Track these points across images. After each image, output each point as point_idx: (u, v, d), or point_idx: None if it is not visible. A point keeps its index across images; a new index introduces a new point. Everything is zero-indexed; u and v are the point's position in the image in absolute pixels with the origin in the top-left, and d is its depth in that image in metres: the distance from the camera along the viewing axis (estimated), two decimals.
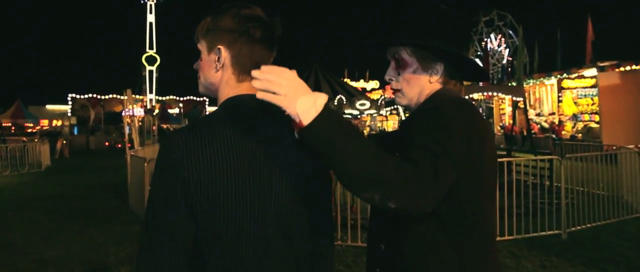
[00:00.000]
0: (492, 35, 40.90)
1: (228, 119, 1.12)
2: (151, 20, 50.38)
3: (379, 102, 16.61)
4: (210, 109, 47.34)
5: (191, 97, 52.96)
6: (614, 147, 10.00)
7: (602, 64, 18.67)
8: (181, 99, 52.72)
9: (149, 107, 44.98)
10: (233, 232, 1.06)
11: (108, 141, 28.64)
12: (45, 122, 40.99)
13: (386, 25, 1.51)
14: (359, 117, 15.55)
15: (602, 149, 12.60)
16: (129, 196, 8.48)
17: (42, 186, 11.12)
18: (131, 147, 9.96)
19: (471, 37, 40.36)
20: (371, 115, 22.13)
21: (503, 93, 13.96)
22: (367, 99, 14.33)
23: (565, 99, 22.35)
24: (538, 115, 24.37)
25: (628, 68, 17.59)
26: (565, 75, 21.82)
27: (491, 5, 40.97)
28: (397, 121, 34.82)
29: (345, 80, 31.49)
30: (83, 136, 30.70)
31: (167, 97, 52.03)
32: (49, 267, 4.90)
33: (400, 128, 1.53)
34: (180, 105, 49.73)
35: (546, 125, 22.81)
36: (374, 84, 49.33)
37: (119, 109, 41.86)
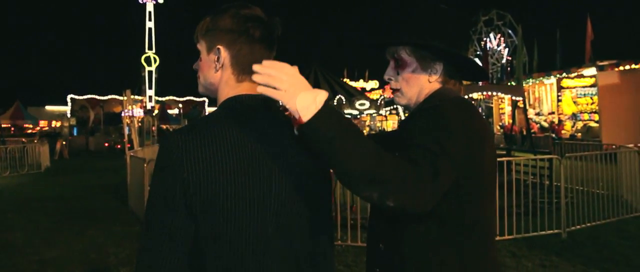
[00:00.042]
0: (491, 34, 40.89)
1: (227, 119, 1.12)
2: (150, 25, 50.43)
3: (379, 102, 16.63)
4: (209, 110, 47.37)
5: (190, 97, 53.08)
6: (614, 147, 10.01)
7: (601, 63, 18.69)
8: (180, 99, 52.82)
9: (149, 107, 44.99)
10: (232, 232, 1.06)
11: (107, 141, 28.63)
12: (44, 123, 40.94)
13: (385, 25, 1.50)
14: (358, 117, 15.55)
15: (602, 148, 12.60)
16: (128, 197, 8.47)
17: (41, 187, 11.11)
18: (131, 147, 9.96)
19: (470, 37, 40.35)
20: (371, 115, 22.14)
21: (502, 92, 13.99)
22: (367, 99, 14.34)
23: (564, 99, 22.36)
24: (537, 114, 24.37)
25: (627, 67, 17.61)
26: (564, 74, 21.82)
27: (490, 5, 41.00)
28: (397, 121, 34.81)
29: (345, 80, 31.53)
30: (82, 137, 30.70)
31: (166, 98, 52.12)
32: (49, 268, 4.90)
33: (399, 128, 1.53)
34: (180, 105, 49.80)
35: (546, 125, 22.81)
36: (374, 83, 49.34)
37: (118, 109, 41.92)
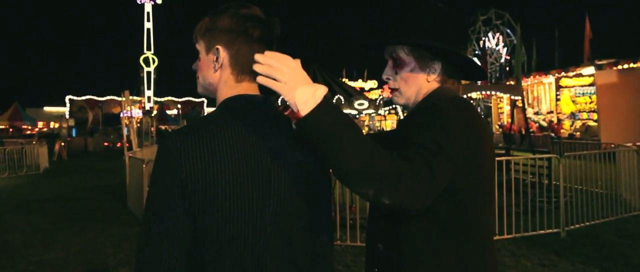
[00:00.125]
0: (490, 34, 40.90)
1: (226, 119, 1.11)
2: (149, 26, 50.42)
3: (378, 101, 16.61)
4: (208, 110, 47.36)
5: (189, 98, 53.05)
6: (612, 146, 10.02)
7: (599, 62, 18.71)
8: (179, 100, 52.78)
9: (147, 108, 44.95)
10: (231, 233, 1.05)
11: (106, 142, 28.61)
12: (42, 124, 40.87)
13: (383, 24, 1.50)
14: (357, 117, 15.54)
15: (600, 147, 12.62)
16: (127, 198, 8.46)
17: (40, 188, 11.10)
18: (129, 148, 9.95)
19: (469, 36, 40.37)
20: (369, 115, 22.12)
21: (501, 92, 14.00)
22: (366, 98, 14.31)
23: (563, 98, 22.37)
24: (536, 114, 24.38)
25: (626, 66, 17.63)
26: (563, 73, 21.84)
27: (489, 4, 40.97)
28: (396, 121, 34.81)
29: (344, 80, 31.53)
30: (81, 138, 30.65)
31: (165, 99, 52.09)
32: (48, 269, 4.90)
33: (398, 127, 1.53)
34: (179, 106, 49.80)
35: (544, 124, 22.83)
36: (372, 83, 49.37)
37: (117, 110, 41.86)
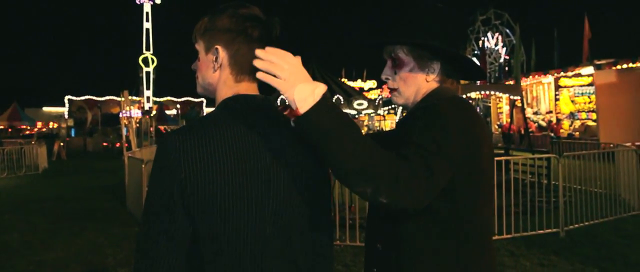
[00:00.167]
0: (489, 34, 40.94)
1: (226, 119, 1.11)
2: (148, 26, 50.41)
3: (377, 101, 16.60)
4: (207, 110, 47.39)
5: (188, 98, 53.07)
6: (611, 145, 10.02)
7: (599, 62, 18.73)
8: (178, 100, 52.78)
9: (146, 108, 44.93)
10: (230, 233, 1.05)
11: (105, 142, 28.58)
12: (40, 124, 40.80)
13: (383, 24, 1.50)
14: (356, 117, 15.55)
15: (600, 147, 12.63)
16: (126, 198, 8.45)
17: (39, 188, 11.08)
18: (128, 148, 9.94)
19: (468, 36, 40.39)
20: (369, 115, 22.12)
21: (500, 92, 13.98)
22: (365, 98, 14.31)
23: (562, 98, 22.38)
24: (535, 113, 24.39)
25: (625, 66, 17.64)
26: (562, 73, 21.85)
27: (488, 4, 41.01)
28: (395, 121, 34.81)
29: (343, 80, 31.52)
30: (80, 138, 30.61)
31: (164, 99, 52.10)
32: (47, 269, 4.89)
33: (397, 127, 1.53)
34: (178, 106, 49.76)
35: (543, 124, 22.84)
36: (372, 83, 49.37)
37: (116, 110, 41.87)
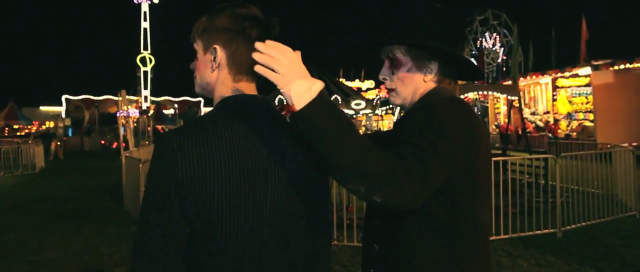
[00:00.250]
0: (486, 34, 40.94)
1: (224, 119, 1.11)
2: (145, 26, 50.34)
3: (375, 101, 16.66)
4: (205, 110, 47.32)
5: (186, 97, 52.98)
6: (609, 146, 10.05)
7: (596, 63, 18.78)
8: (176, 99, 52.71)
9: (144, 108, 44.86)
10: (228, 233, 1.05)
11: (103, 141, 28.53)
12: (36, 124, 40.63)
13: (380, 24, 1.50)
14: (354, 117, 15.56)
15: (597, 147, 12.65)
16: (123, 197, 8.44)
17: (36, 188, 11.06)
18: (126, 148, 9.92)
19: (466, 36, 40.41)
20: (367, 115, 22.15)
21: (498, 92, 14.02)
22: (363, 98, 14.36)
23: (559, 98, 22.44)
24: (533, 114, 24.45)
25: (622, 67, 17.69)
26: (559, 74, 21.91)
27: (486, 4, 41.03)
28: (393, 121, 34.82)
29: (341, 79, 31.53)
30: (77, 138, 30.53)
31: (162, 98, 51.99)
32: (43, 269, 4.87)
33: (394, 127, 1.53)
34: (175, 106, 49.69)
35: (541, 124, 22.89)
36: (370, 83, 49.33)
37: (113, 110, 41.73)
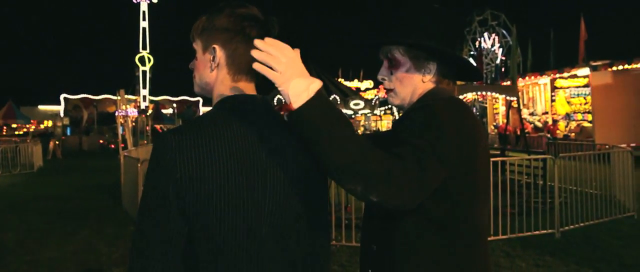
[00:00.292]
0: (485, 34, 40.98)
1: (223, 119, 1.11)
2: (144, 25, 50.30)
3: (373, 101, 16.65)
4: (204, 109, 47.27)
5: (185, 97, 52.96)
6: (607, 147, 10.05)
7: (594, 64, 18.81)
8: (175, 99, 52.67)
9: (143, 107, 44.81)
10: (226, 233, 1.05)
11: (101, 140, 28.50)
12: (33, 128, 40.44)
13: (379, 24, 1.50)
14: (353, 117, 15.57)
15: (595, 148, 12.66)
16: (122, 197, 8.43)
17: (34, 187, 11.04)
18: (124, 147, 9.91)
19: (465, 37, 40.46)
20: (365, 115, 22.15)
21: (497, 92, 14.03)
22: (361, 98, 14.37)
23: (558, 99, 22.46)
24: (531, 114, 24.47)
25: (620, 67, 17.71)
26: (558, 74, 21.93)
27: (485, 5, 41.06)
28: (391, 121, 34.81)
29: (340, 79, 31.51)
30: (76, 137, 30.52)
31: (160, 98, 51.95)
32: (42, 269, 4.87)
33: (393, 127, 1.53)
34: (174, 105, 49.65)
35: (539, 125, 22.91)
36: (368, 83, 49.34)
37: (112, 109, 41.67)
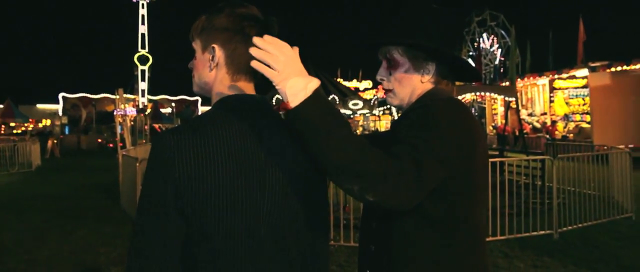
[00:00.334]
0: (484, 35, 41.03)
1: (221, 118, 1.10)
2: (143, 25, 50.31)
3: (372, 102, 16.65)
4: (202, 109, 47.26)
5: (183, 96, 52.97)
6: (606, 148, 10.07)
7: (593, 65, 18.83)
8: (173, 98, 52.67)
9: (141, 106, 44.78)
10: (224, 233, 1.04)
11: (100, 139, 28.47)
12: (32, 121, 40.39)
13: (378, 24, 1.50)
14: (351, 117, 15.57)
15: (594, 149, 12.67)
16: (120, 196, 8.42)
17: (32, 186, 11.02)
18: (123, 146, 9.90)
19: (464, 37, 40.48)
20: (364, 115, 22.16)
21: (495, 93, 14.04)
22: (360, 98, 14.35)
23: (556, 99, 22.48)
24: (530, 115, 24.49)
25: (619, 69, 17.72)
26: (557, 75, 21.96)
27: (484, 5, 41.11)
28: (390, 121, 34.84)
29: (338, 79, 31.52)
30: (74, 136, 30.48)
31: (159, 97, 51.97)
32: (39, 268, 4.86)
33: (391, 128, 1.52)
34: (173, 104, 49.64)
35: (538, 126, 22.93)
36: (367, 83, 49.38)
37: (110, 108, 41.67)
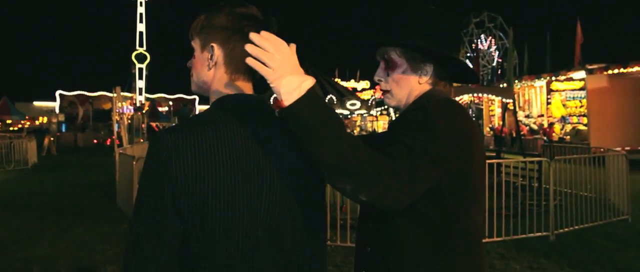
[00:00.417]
0: (482, 36, 41.06)
1: (219, 118, 1.10)
2: (141, 23, 50.25)
3: (370, 102, 16.64)
4: (200, 108, 47.24)
5: (181, 95, 52.90)
6: (602, 150, 10.09)
7: (590, 67, 18.88)
8: (171, 97, 52.61)
9: (139, 105, 44.70)
10: (222, 233, 1.04)
11: (97, 138, 28.42)
12: (28, 124, 40.18)
13: (376, 25, 1.50)
14: (349, 117, 15.57)
15: (590, 151, 12.70)
16: (116, 194, 8.40)
17: (28, 183, 10.99)
18: (120, 145, 9.88)
19: (461, 39, 40.53)
20: (361, 115, 22.17)
21: (493, 94, 14.02)
22: (358, 99, 14.35)
23: (554, 101, 22.54)
24: (527, 117, 24.54)
25: (616, 71, 17.76)
26: (554, 77, 22.02)
27: (482, 7, 41.18)
28: (388, 121, 34.89)
29: (336, 80, 31.54)
30: (71, 133, 30.42)
31: (156, 95, 51.89)
32: (35, 266, 4.84)
33: (389, 128, 1.52)
34: (170, 103, 49.56)
35: (535, 127, 22.98)
36: (365, 84, 49.42)
37: (108, 106, 41.56)
